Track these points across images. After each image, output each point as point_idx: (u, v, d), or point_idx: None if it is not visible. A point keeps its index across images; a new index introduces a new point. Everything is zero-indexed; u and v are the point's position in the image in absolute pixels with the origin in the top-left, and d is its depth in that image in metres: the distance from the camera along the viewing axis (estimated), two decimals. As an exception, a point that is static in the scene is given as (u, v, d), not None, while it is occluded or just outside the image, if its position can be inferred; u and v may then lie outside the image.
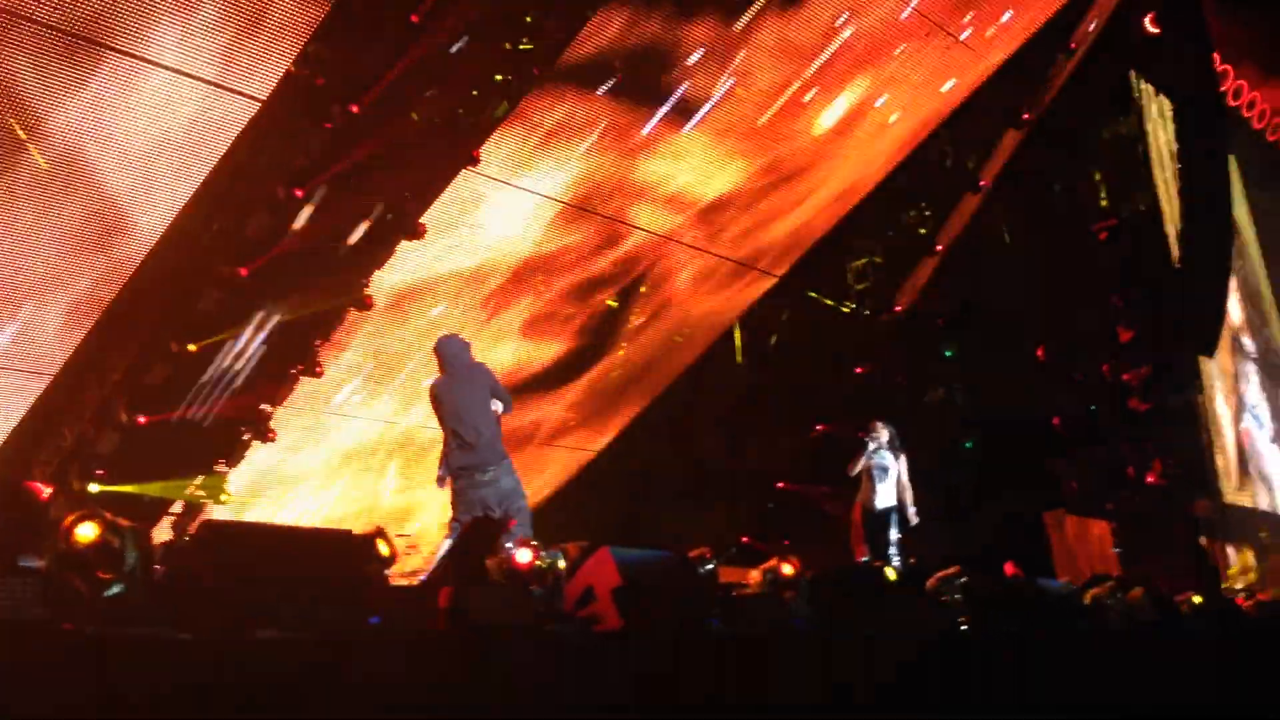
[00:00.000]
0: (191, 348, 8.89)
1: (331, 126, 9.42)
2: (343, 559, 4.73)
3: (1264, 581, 15.52)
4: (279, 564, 4.36)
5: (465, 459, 7.29)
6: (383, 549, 5.15)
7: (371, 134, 9.62)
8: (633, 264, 12.28)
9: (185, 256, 9.09)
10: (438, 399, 7.72)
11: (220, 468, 9.66)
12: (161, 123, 8.50)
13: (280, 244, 9.35)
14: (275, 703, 4.03)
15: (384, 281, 10.33)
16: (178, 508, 9.50)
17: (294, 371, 10.12)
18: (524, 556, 5.29)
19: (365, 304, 10.24)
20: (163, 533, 9.22)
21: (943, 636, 7.75)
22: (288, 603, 4.35)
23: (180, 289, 9.16)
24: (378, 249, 10.21)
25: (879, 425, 11.31)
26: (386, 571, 4.97)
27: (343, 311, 10.28)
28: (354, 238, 9.89)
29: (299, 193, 9.26)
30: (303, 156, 9.29)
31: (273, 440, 9.97)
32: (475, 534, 5.58)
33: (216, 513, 9.61)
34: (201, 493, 9.28)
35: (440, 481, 7.60)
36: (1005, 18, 13.34)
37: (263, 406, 9.89)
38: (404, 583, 7.03)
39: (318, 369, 10.18)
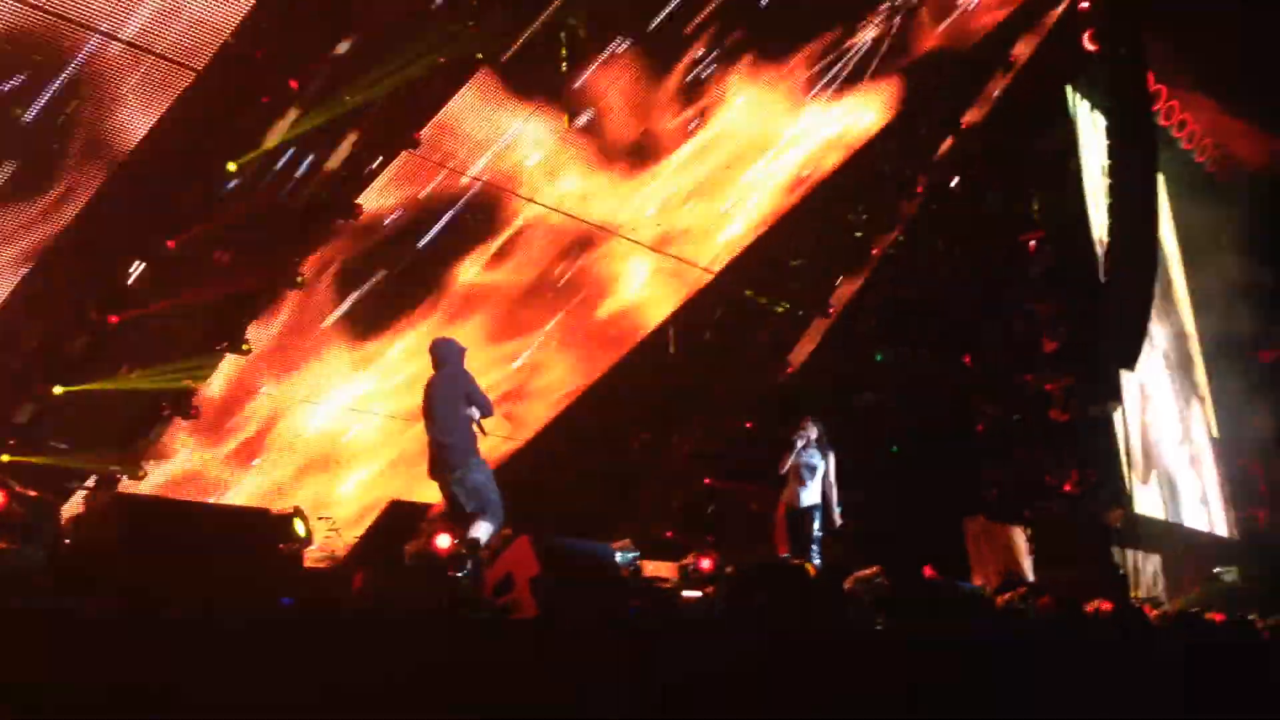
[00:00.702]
0: (113, 318, 8.70)
1: (268, 101, 9.31)
2: (258, 538, 4.69)
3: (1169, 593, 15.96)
4: (192, 540, 4.31)
5: (440, 457, 7.42)
6: (299, 530, 5.12)
7: (309, 111, 9.52)
8: (568, 254, 12.27)
9: (112, 225, 8.91)
10: (425, 397, 7.88)
11: (137, 441, 9.49)
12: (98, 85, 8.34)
13: (211, 218, 9.22)
14: (181, 680, 3.99)
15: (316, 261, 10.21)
16: (91, 481, 9.31)
17: (220, 348, 9.97)
18: (443, 542, 5.28)
19: (297, 283, 10.12)
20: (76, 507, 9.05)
21: (858, 634, 7.87)
22: (199, 580, 4.31)
23: (105, 258, 8.98)
24: (313, 228, 10.11)
25: (809, 423, 11.36)
26: (303, 552, 4.93)
27: (275, 290, 10.15)
28: (288, 217, 9.77)
29: (232, 166, 9.13)
30: (237, 129, 9.15)
31: (195, 417, 9.81)
32: (391, 518, 5.55)
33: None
34: (116, 467, 9.10)
35: (431, 475, 7.64)
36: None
37: (185, 382, 9.73)
38: (322, 565, 6.98)
39: (245, 347, 10.03)
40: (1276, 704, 9.19)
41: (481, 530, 6.75)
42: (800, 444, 11.04)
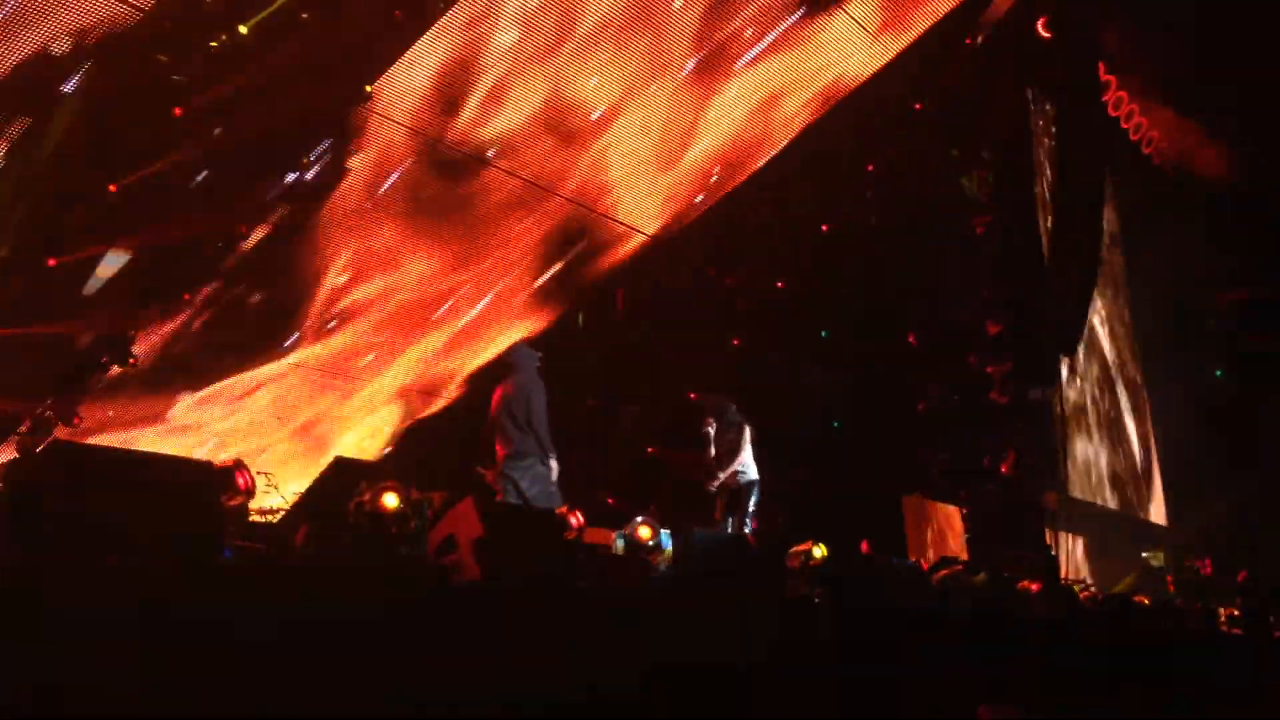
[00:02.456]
0: (51, 261, 8.50)
1: (218, 47, 9.11)
2: (199, 489, 4.61)
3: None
4: (132, 490, 4.22)
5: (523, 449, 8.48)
6: (240, 482, 5.04)
7: (260, 61, 9.32)
8: (511, 215, 12.18)
9: (52, 166, 8.69)
10: (511, 399, 8.60)
11: (74, 389, 9.29)
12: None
13: (155, 163, 9.02)
14: (116, 631, 3.92)
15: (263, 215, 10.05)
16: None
17: (160, 300, 9.79)
18: (391, 500, 5.24)
19: (241, 235, 9.95)
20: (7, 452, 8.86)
21: (796, 605, 7.95)
22: (138, 530, 4.23)
23: (45, 199, 8.75)
24: (259, 180, 9.94)
25: (715, 410, 11.24)
26: (246, 505, 4.86)
27: (218, 241, 9.98)
28: (235, 166, 9.58)
29: (177, 111, 8.93)
30: (185, 74, 8.95)
31: (134, 366, 9.63)
32: (335, 474, 5.49)
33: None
34: (51, 415, 8.91)
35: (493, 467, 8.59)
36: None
37: (126, 330, 9.55)
38: (260, 519, 6.90)
39: (185, 295, 9.86)
40: (1198, 687, 9.44)
41: None
42: (713, 430, 10.97)
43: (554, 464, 8.73)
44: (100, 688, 3.90)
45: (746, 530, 10.61)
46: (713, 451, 10.69)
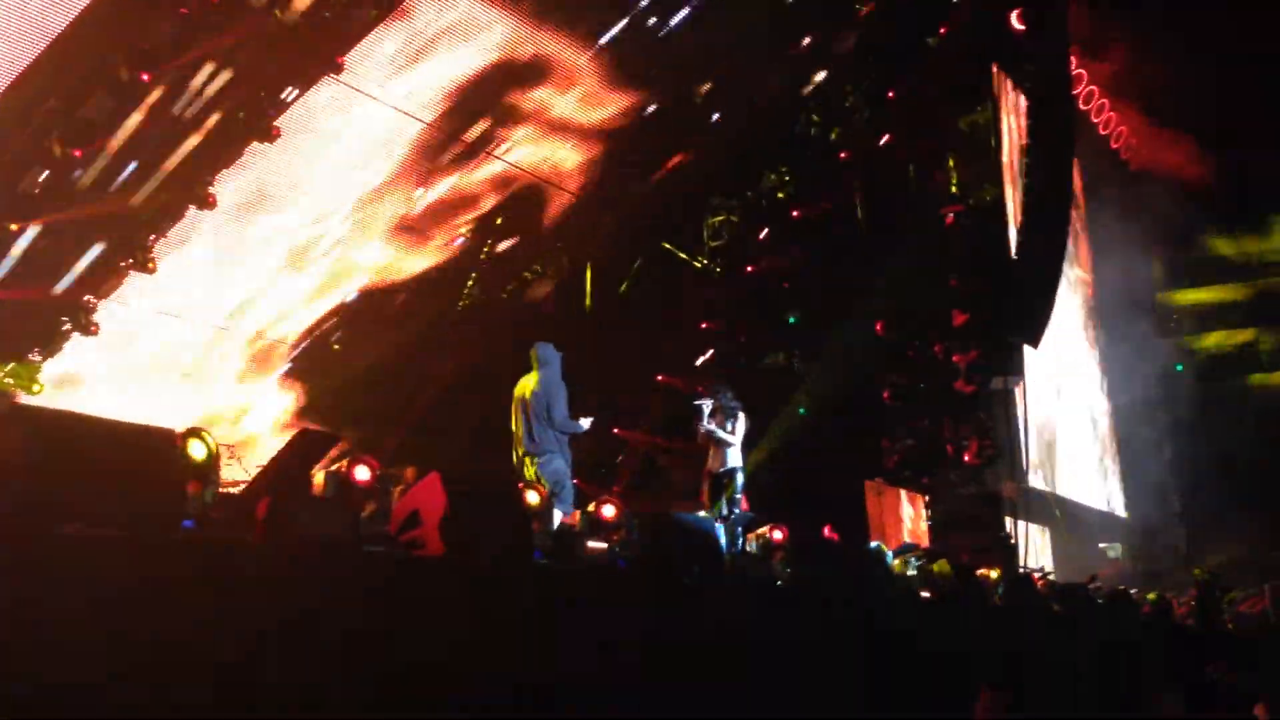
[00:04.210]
0: (13, 227, 8.36)
1: (187, 12, 8.97)
2: (161, 457, 4.55)
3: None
4: (95, 456, 4.16)
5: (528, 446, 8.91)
6: (203, 452, 4.99)
7: (231, 26, 9.19)
8: (491, 191, 12.13)
9: (13, 130, 8.54)
10: (536, 394, 9.01)
11: (35, 356, 9.17)
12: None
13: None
14: (73, 599, 3.88)
15: (229, 181, 9.93)
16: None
17: (124, 265, 9.65)
18: (363, 474, 5.20)
19: (208, 202, 9.82)
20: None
21: (759, 586, 7.99)
22: (98, 497, 4.18)
23: (5, 163, 8.60)
24: (226, 147, 9.80)
25: (714, 388, 11.34)
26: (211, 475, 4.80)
27: (182, 208, 9.84)
28: (201, 133, 9.44)
29: (145, 77, 8.79)
30: (153, 39, 8.81)
31: (94, 334, 9.51)
32: (299, 447, 5.44)
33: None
34: (10, 380, 8.79)
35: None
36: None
37: (87, 298, 9.41)
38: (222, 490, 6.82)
39: (150, 264, 9.73)
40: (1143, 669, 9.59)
41: (555, 512, 7.89)
42: (707, 409, 11.02)
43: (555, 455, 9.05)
44: (54, 660, 3.86)
45: (736, 511, 10.63)
46: (702, 426, 10.75)
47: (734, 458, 10.95)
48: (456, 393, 12.48)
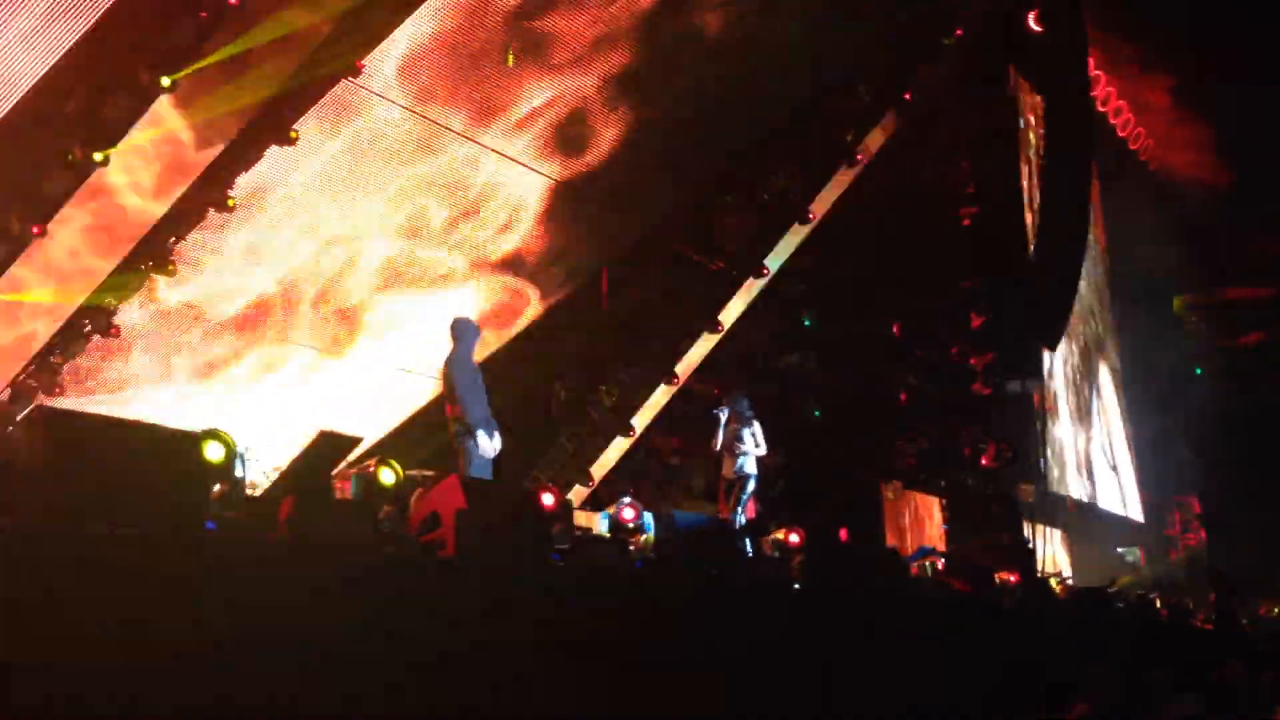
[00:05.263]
0: (36, 229, 8.42)
1: (206, 16, 9.02)
2: (183, 459, 4.58)
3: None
4: (119, 458, 4.19)
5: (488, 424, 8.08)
6: (223, 454, 5.02)
7: (249, 29, 9.24)
8: (497, 194, 12.15)
9: (36, 132, 8.61)
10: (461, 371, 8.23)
11: (56, 358, 9.24)
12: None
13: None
14: (98, 598, 3.90)
15: (246, 183, 9.99)
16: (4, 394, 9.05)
17: (145, 267, 9.72)
18: (387, 476, 5.22)
19: (226, 205, 9.88)
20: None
21: (776, 589, 7.99)
22: (125, 499, 4.20)
23: (28, 166, 8.67)
24: (245, 150, 9.86)
25: (732, 396, 11.44)
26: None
27: (201, 211, 9.90)
28: (222, 136, 9.50)
29: (166, 81, 8.84)
30: (173, 41, 8.87)
31: (115, 335, 9.58)
32: (321, 448, 5.46)
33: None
34: (34, 383, 8.86)
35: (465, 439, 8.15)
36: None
37: (108, 299, 9.48)
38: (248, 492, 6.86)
39: (170, 267, 9.80)
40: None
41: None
42: (724, 417, 11.14)
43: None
44: (78, 658, 3.88)
45: (741, 518, 10.70)
46: (720, 437, 10.88)
47: (749, 465, 11.06)
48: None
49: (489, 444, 7.86)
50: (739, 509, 11.03)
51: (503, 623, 5.50)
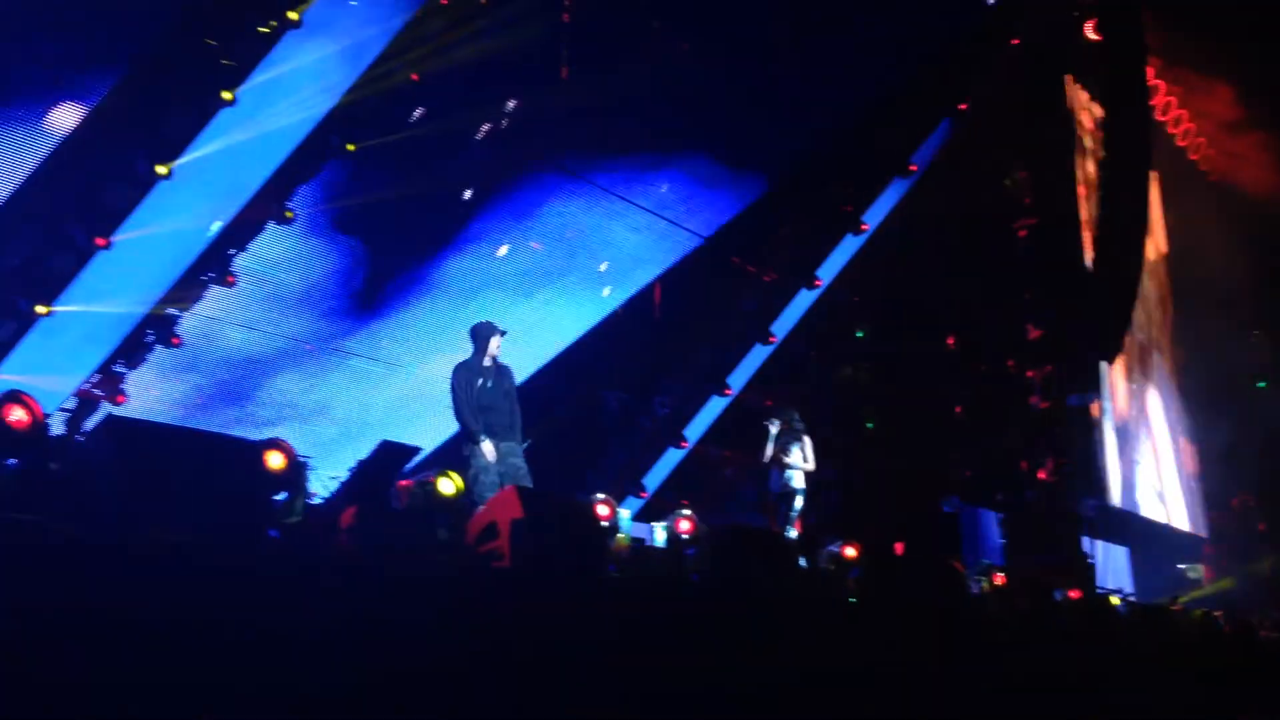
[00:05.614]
0: (100, 241, 8.56)
1: (267, 31, 9.16)
2: (247, 468, 4.62)
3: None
4: (184, 467, 4.23)
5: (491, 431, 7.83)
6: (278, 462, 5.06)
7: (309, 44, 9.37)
8: (568, 209, 12.20)
9: (100, 146, 8.76)
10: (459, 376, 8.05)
11: (119, 367, 9.37)
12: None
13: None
14: (166, 603, 3.93)
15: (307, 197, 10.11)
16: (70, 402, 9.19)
17: (204, 278, 9.85)
18: (448, 487, 5.23)
19: (285, 218, 10.00)
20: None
21: (831, 604, 7.91)
22: (186, 507, 4.24)
23: (89, 178, 8.82)
24: (306, 162, 9.98)
25: (782, 410, 11.39)
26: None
27: (259, 224, 10.03)
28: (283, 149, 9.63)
29: (228, 95, 8.97)
30: (236, 58, 9.01)
31: (176, 345, 9.71)
32: (381, 458, 5.49)
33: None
34: (98, 392, 8.99)
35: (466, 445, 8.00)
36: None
37: (169, 310, 9.61)
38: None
39: (229, 279, 9.92)
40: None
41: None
42: (774, 430, 11.09)
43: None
44: (144, 664, 3.91)
45: (791, 532, 10.64)
46: (769, 449, 10.83)
47: (797, 480, 10.99)
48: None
49: (491, 450, 7.58)
50: (788, 524, 10.97)
51: (559, 633, 5.48)
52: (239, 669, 4.08)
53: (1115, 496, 17.45)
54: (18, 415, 3.89)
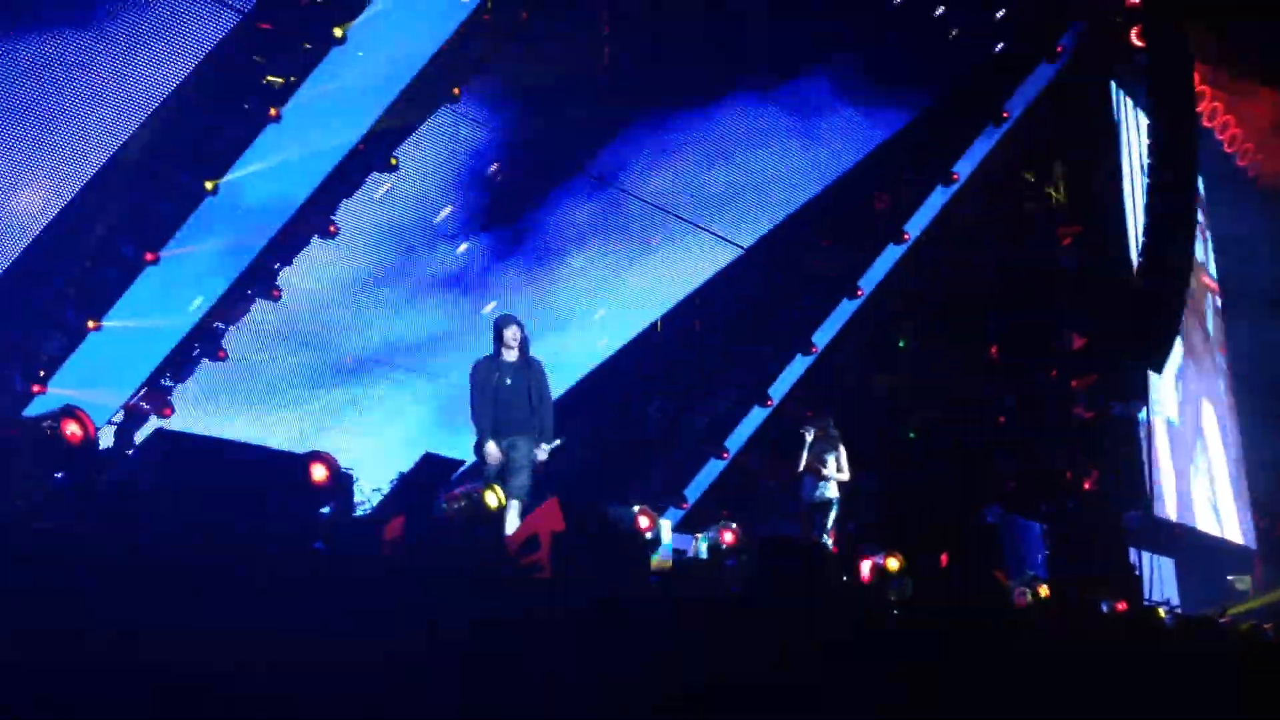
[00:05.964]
0: (149, 256, 8.71)
1: (311, 48, 9.28)
2: (292, 480, 4.69)
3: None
4: (230, 479, 4.31)
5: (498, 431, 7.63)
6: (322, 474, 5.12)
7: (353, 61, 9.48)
8: (607, 223, 12.26)
9: (150, 160, 8.92)
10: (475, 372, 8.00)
11: (166, 381, 9.52)
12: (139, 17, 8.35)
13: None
14: (213, 615, 3.99)
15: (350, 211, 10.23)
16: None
17: (250, 292, 9.99)
18: (493, 500, 5.28)
19: (329, 232, 10.13)
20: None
21: (872, 618, 7.86)
22: (233, 519, 4.31)
23: (140, 193, 8.98)
24: (347, 177, 10.10)
25: (816, 417, 11.35)
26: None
27: (305, 238, 10.16)
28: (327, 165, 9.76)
29: (274, 111, 9.10)
30: (281, 73, 9.14)
31: (222, 359, 9.85)
32: (424, 470, 5.55)
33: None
34: (145, 405, 9.15)
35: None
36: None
37: (216, 324, 9.76)
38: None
39: (274, 292, 10.06)
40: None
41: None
42: (810, 437, 11.05)
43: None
44: (189, 676, 3.97)
45: (827, 541, 10.60)
46: (804, 457, 10.79)
47: (830, 489, 10.93)
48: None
49: (495, 452, 7.34)
50: (823, 533, 10.93)
51: (600, 646, 5.50)
52: (281, 680, 4.13)
53: (1162, 507, 17.23)
54: (73, 430, 3.97)
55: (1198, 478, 19.33)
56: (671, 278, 13.29)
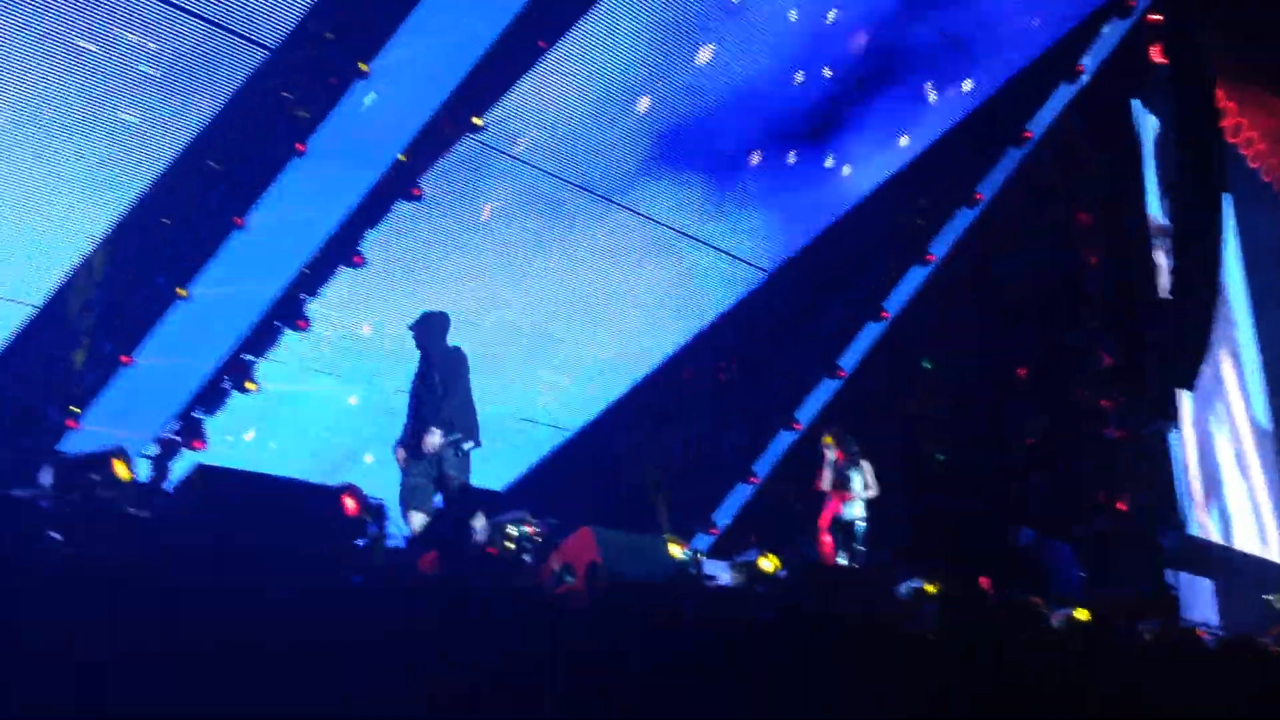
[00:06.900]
0: (181, 291, 8.78)
1: (335, 83, 9.35)
2: (329, 514, 4.69)
3: None
4: (269, 513, 4.31)
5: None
6: (356, 507, 5.12)
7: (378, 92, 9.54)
8: (622, 246, 12.28)
9: (179, 197, 9.01)
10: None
11: (198, 413, 9.57)
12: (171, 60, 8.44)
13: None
14: (245, 654, 3.98)
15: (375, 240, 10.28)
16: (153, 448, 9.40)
17: (278, 324, 10.04)
18: (524, 530, 5.27)
19: (355, 262, 10.18)
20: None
21: (910, 641, 7.78)
22: (270, 552, 4.30)
23: (172, 227, 9.06)
24: (372, 207, 10.16)
25: (837, 438, 11.34)
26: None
27: (332, 268, 10.21)
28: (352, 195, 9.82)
29: (300, 147, 9.17)
30: (307, 109, 9.22)
31: (251, 391, 9.90)
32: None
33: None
34: (177, 438, 9.20)
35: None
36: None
37: (244, 356, 9.81)
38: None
39: (302, 323, 10.11)
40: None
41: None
42: (832, 457, 11.04)
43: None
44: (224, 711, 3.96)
45: (845, 563, 10.56)
46: (827, 475, 10.78)
47: (856, 509, 10.90)
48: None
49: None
50: (850, 556, 10.88)
51: (637, 674, 5.46)
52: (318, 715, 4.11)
53: (1198, 526, 17.01)
54: (122, 471, 3.99)
55: (1241, 495, 19.07)
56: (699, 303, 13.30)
